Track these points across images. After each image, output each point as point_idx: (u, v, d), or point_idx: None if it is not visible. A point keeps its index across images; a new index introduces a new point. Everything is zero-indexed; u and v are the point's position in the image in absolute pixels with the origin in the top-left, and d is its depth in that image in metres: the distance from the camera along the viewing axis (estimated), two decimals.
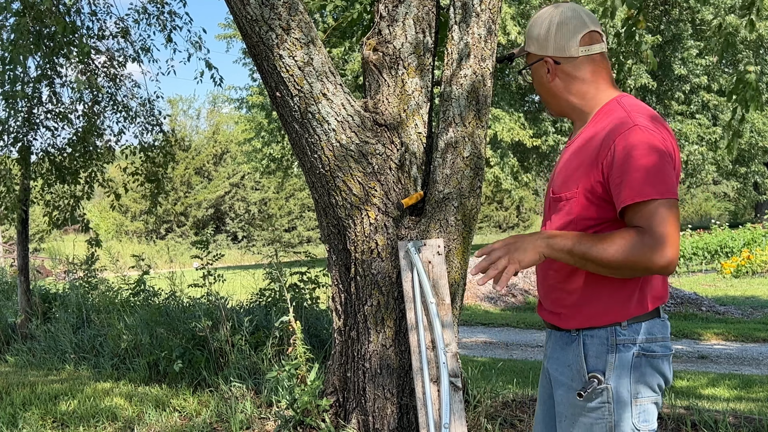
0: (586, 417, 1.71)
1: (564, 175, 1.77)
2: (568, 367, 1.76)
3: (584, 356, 1.71)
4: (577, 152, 1.75)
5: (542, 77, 1.83)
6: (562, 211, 1.73)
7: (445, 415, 2.85)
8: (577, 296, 1.73)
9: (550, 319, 1.82)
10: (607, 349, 1.69)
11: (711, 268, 15.67)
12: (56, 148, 7.72)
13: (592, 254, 1.58)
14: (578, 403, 1.71)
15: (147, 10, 7.82)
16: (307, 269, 5.93)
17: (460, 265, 3.31)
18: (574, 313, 1.74)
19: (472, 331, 9.11)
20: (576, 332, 1.74)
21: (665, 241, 1.52)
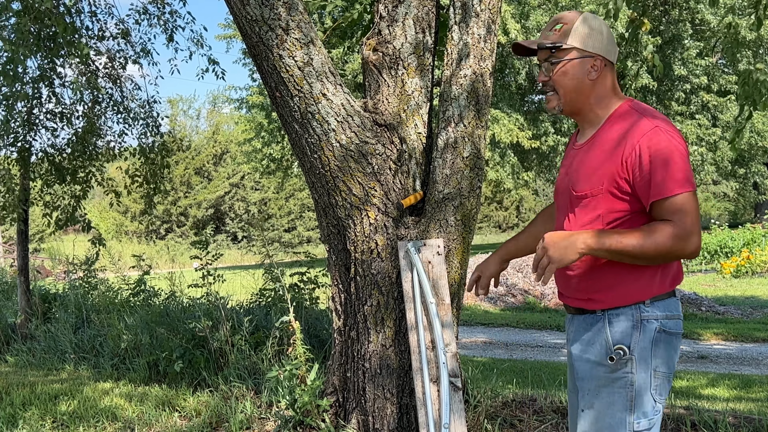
0: (609, 387, 1.87)
1: (586, 174, 1.90)
2: (592, 345, 1.92)
3: (609, 332, 1.88)
4: (598, 152, 1.89)
5: (583, 73, 1.91)
6: (588, 206, 1.88)
7: (445, 415, 2.85)
8: (606, 281, 1.89)
9: (577, 304, 1.97)
10: (633, 325, 1.86)
11: (711, 268, 15.67)
12: (56, 149, 7.72)
13: (629, 249, 1.76)
14: (602, 375, 1.88)
15: (148, 10, 7.83)
16: (307, 269, 5.93)
17: (460, 265, 3.31)
18: (603, 296, 1.90)
19: (472, 331, 9.11)
20: (601, 312, 1.91)
21: (693, 231, 1.75)
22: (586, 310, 1.95)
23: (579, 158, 1.96)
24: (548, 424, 3.57)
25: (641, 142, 1.78)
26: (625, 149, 1.81)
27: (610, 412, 1.87)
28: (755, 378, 5.91)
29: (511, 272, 12.25)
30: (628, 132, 1.83)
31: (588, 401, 1.91)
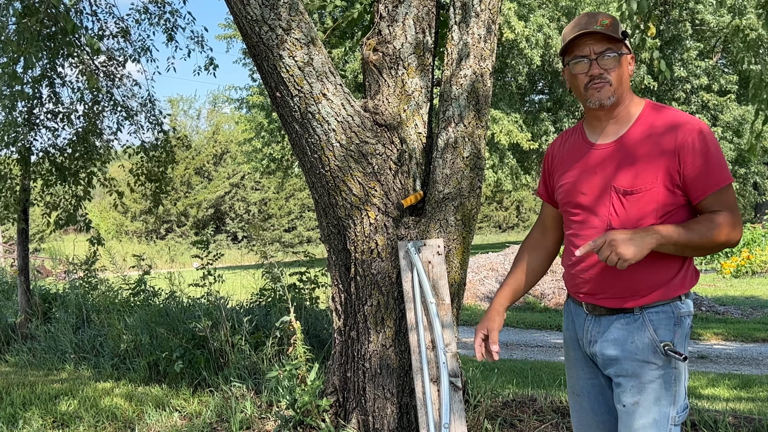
0: (656, 383, 1.92)
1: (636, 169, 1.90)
2: (632, 343, 1.93)
3: (653, 330, 1.91)
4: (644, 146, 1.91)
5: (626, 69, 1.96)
6: (641, 201, 1.89)
7: (445, 415, 2.85)
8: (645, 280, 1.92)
9: (614, 304, 1.97)
10: (674, 322, 1.92)
11: (711, 268, 15.67)
12: (56, 149, 7.72)
13: (693, 241, 1.83)
14: (649, 371, 1.91)
15: (148, 9, 7.83)
16: (306, 269, 5.93)
17: (460, 265, 3.31)
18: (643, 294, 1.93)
19: (472, 331, 9.10)
20: (639, 311, 1.93)
21: (740, 221, 1.86)
22: (620, 310, 1.96)
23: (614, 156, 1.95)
24: (548, 424, 3.57)
25: (692, 134, 1.85)
26: (677, 143, 1.85)
27: (656, 408, 1.91)
28: (755, 378, 5.91)
29: None
30: (675, 127, 1.87)
31: (633, 397, 1.93)
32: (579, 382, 2.13)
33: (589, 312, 2.04)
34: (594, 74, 1.92)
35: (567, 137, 2.14)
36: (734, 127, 19.60)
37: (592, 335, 2.02)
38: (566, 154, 2.10)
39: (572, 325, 2.11)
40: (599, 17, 1.94)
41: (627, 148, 1.93)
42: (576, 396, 2.16)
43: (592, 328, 2.03)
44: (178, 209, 34.78)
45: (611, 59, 1.92)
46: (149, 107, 8.23)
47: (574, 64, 1.95)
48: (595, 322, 2.02)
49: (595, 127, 2.02)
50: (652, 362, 1.91)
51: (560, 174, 2.10)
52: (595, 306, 2.02)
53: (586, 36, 1.92)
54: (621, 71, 1.93)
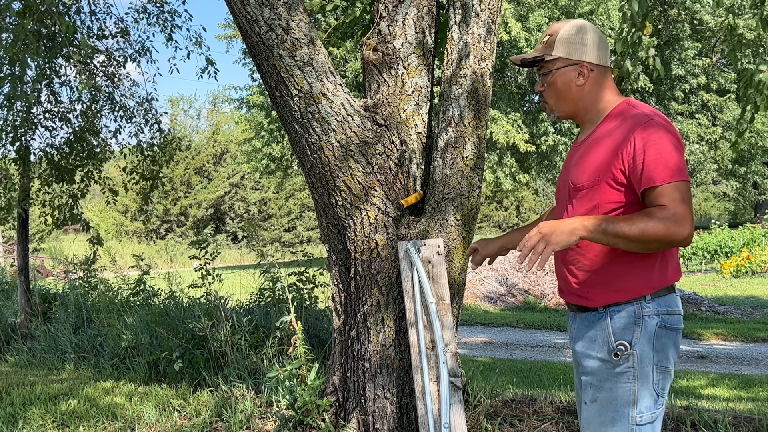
0: (611, 382, 1.92)
1: (583, 167, 1.96)
2: (595, 341, 1.96)
3: (611, 329, 1.92)
4: (595, 147, 1.96)
5: (570, 81, 2.02)
6: (585, 198, 1.94)
7: (444, 414, 2.85)
8: (603, 276, 1.93)
9: (577, 301, 2.01)
10: (634, 321, 1.90)
11: (711, 268, 15.67)
12: (54, 148, 7.72)
13: (623, 231, 1.78)
14: (605, 370, 1.92)
15: (147, 9, 7.83)
16: (305, 269, 5.93)
17: (460, 265, 3.31)
18: (601, 291, 1.94)
19: (472, 330, 9.11)
20: (603, 309, 1.95)
21: (684, 217, 1.77)
22: (587, 308, 1.99)
23: (579, 154, 2.03)
24: (548, 424, 3.57)
25: (636, 133, 1.85)
26: (620, 140, 1.87)
27: (612, 405, 1.91)
28: (755, 378, 5.91)
29: (511, 272, 12.25)
30: (623, 124, 1.90)
31: (591, 395, 1.96)
32: (577, 378, 2.15)
33: (569, 309, 2.11)
34: (537, 90, 2.08)
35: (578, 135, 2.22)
36: (734, 127, 19.57)
37: (572, 332, 2.09)
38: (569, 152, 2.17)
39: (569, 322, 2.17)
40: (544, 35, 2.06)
41: (587, 146, 2.00)
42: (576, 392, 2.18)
43: (572, 324, 2.09)
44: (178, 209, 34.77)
45: (543, 77, 2.04)
46: (147, 107, 8.23)
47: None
48: (573, 319, 2.08)
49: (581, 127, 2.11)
50: (608, 360, 1.92)
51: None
52: (569, 303, 2.08)
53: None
54: (555, 88, 2.02)
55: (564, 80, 2.01)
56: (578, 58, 1.99)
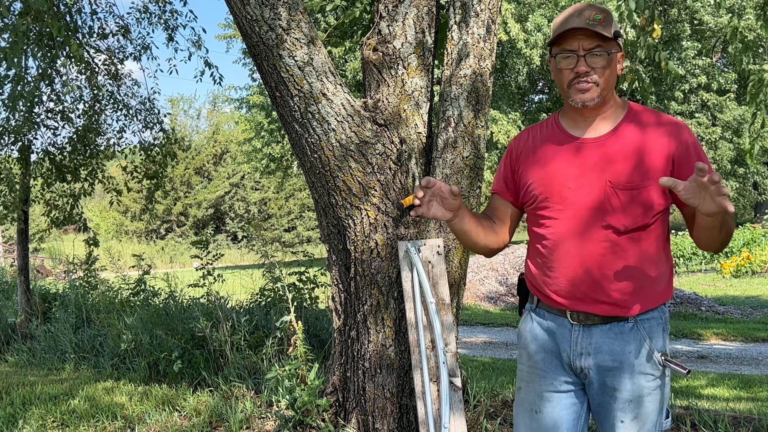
0: (652, 395, 1.85)
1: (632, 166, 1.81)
2: (630, 353, 1.84)
3: (648, 339, 1.84)
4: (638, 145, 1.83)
5: (616, 69, 1.86)
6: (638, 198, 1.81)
7: (444, 414, 2.85)
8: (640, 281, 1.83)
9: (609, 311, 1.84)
10: (663, 328, 1.87)
11: (711, 268, 15.67)
12: (57, 147, 7.73)
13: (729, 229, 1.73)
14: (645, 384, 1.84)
15: (148, 9, 7.83)
16: (305, 269, 5.93)
17: (460, 265, 3.31)
18: (638, 298, 1.83)
19: (472, 330, 9.11)
20: (632, 319, 1.85)
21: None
22: (613, 318, 1.84)
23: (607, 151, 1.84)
24: None
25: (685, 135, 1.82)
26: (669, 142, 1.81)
27: (650, 419, 1.85)
28: (755, 378, 5.90)
29: (511, 272, 12.25)
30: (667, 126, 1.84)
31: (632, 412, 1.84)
32: (544, 396, 1.94)
33: (575, 321, 1.88)
34: (580, 71, 1.80)
35: (536, 132, 2.00)
36: (734, 127, 19.61)
37: (582, 347, 1.87)
38: (540, 149, 1.95)
39: (549, 336, 1.93)
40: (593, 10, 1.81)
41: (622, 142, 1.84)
42: (535, 413, 1.96)
43: (582, 339, 1.87)
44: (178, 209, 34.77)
45: (600, 57, 1.80)
46: (148, 106, 8.23)
47: (562, 59, 1.83)
48: (585, 333, 1.87)
49: (578, 122, 1.90)
50: (649, 373, 1.84)
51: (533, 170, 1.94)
52: (587, 314, 1.86)
53: (576, 30, 1.80)
54: (610, 71, 1.82)
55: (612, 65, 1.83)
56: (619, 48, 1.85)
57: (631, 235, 1.82)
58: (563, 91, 1.88)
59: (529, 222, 1.99)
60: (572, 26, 1.80)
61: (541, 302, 1.96)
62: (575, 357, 1.89)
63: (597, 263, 1.83)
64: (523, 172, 1.97)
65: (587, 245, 1.83)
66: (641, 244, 1.82)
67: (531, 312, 2.00)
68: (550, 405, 1.94)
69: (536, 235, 1.95)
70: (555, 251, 1.88)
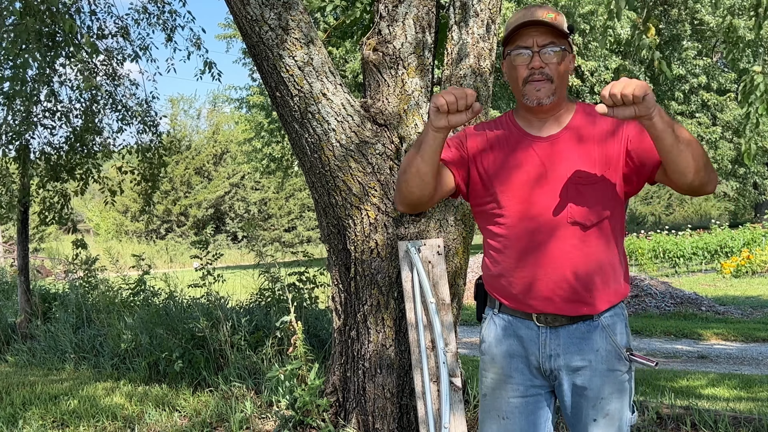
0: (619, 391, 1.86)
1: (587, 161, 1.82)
2: (597, 352, 1.84)
3: (613, 336, 1.85)
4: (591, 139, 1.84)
5: (568, 67, 1.86)
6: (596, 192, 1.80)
7: (444, 414, 2.85)
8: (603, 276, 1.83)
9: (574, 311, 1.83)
10: (624, 322, 1.88)
11: (711, 268, 15.68)
12: (53, 147, 7.72)
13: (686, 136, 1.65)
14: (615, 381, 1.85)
15: (147, 9, 7.83)
16: (305, 269, 5.93)
17: (460, 265, 3.31)
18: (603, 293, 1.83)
19: (472, 331, 9.10)
20: (597, 317, 1.85)
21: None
22: (579, 318, 1.84)
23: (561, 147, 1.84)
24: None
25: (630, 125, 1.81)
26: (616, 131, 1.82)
27: (619, 414, 1.86)
28: (756, 378, 5.90)
29: None
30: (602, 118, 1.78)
31: (604, 409, 1.85)
32: (511, 402, 1.92)
33: (542, 323, 1.85)
34: (535, 66, 1.79)
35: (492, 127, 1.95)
36: (734, 127, 19.60)
37: (551, 349, 1.85)
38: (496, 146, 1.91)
39: (515, 340, 1.90)
40: (546, 10, 1.82)
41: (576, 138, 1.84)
42: (502, 420, 1.93)
43: (550, 341, 1.85)
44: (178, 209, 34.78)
45: (555, 53, 1.80)
46: (145, 108, 8.23)
47: (516, 56, 1.82)
48: (553, 334, 1.85)
49: (533, 122, 1.88)
50: (618, 370, 1.85)
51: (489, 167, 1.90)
52: (554, 316, 1.84)
53: (530, 26, 1.79)
54: (563, 67, 1.83)
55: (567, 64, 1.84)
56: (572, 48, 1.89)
57: (595, 231, 1.81)
58: (517, 90, 1.86)
59: (484, 221, 1.95)
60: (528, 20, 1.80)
61: (503, 306, 1.92)
62: (544, 359, 1.87)
63: (564, 262, 1.80)
64: (478, 167, 1.92)
65: (554, 244, 1.81)
66: (605, 239, 1.83)
67: (493, 317, 1.96)
68: (518, 411, 1.92)
69: (495, 236, 1.91)
70: (517, 252, 1.84)
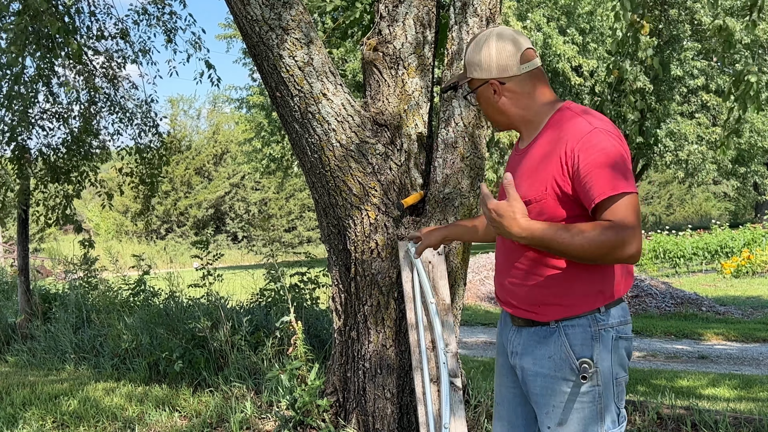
0: (577, 402, 1.82)
1: (529, 180, 1.85)
2: (550, 358, 1.84)
3: (569, 345, 1.81)
4: (539, 157, 1.84)
5: (489, 98, 1.94)
6: (533, 212, 1.79)
7: (445, 415, 2.84)
8: (553, 289, 1.83)
9: (524, 315, 1.90)
10: (591, 336, 1.81)
11: (711, 268, 15.67)
12: (51, 148, 7.71)
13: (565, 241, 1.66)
14: (568, 390, 1.82)
15: (147, 11, 7.82)
16: (307, 269, 5.93)
17: (461, 265, 3.31)
18: (552, 306, 1.84)
19: (473, 331, 9.11)
20: (555, 324, 1.84)
21: (632, 233, 1.65)
22: (536, 322, 1.87)
23: (522, 163, 1.91)
24: None
25: (579, 146, 1.72)
26: (563, 152, 1.75)
27: (581, 427, 1.82)
28: (756, 378, 5.90)
29: None
30: (566, 135, 1.77)
31: (556, 418, 1.84)
32: (501, 390, 2.06)
33: (512, 322, 1.97)
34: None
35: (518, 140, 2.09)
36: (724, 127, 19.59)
37: (514, 346, 1.96)
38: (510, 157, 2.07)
39: (502, 332, 2.05)
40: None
41: (530, 156, 1.88)
42: (497, 405, 2.08)
43: (514, 339, 1.96)
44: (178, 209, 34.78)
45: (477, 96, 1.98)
46: (145, 109, 8.22)
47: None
48: (517, 333, 1.95)
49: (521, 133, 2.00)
50: (569, 379, 1.81)
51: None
52: (513, 316, 1.95)
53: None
54: (481, 105, 1.98)
55: (484, 98, 1.95)
56: (486, 76, 1.90)
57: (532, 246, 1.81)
58: None
59: None
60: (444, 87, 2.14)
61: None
62: (511, 356, 1.98)
63: (511, 270, 1.92)
64: None
65: (506, 253, 1.95)
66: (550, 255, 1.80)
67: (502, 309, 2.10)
68: (506, 400, 2.05)
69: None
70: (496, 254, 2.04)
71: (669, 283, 11.72)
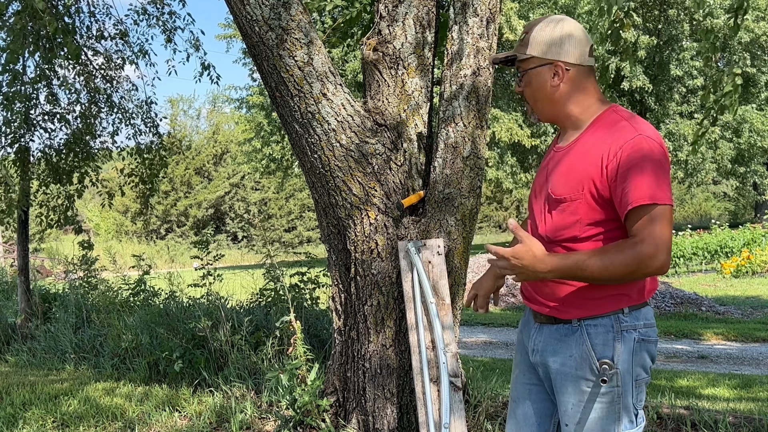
0: (597, 402, 1.81)
1: (566, 178, 1.84)
2: (571, 357, 1.84)
3: (591, 345, 1.81)
4: (578, 156, 1.83)
5: (545, 82, 1.88)
6: (566, 211, 1.81)
7: (445, 415, 2.85)
8: (578, 288, 1.82)
9: (550, 312, 1.89)
10: (614, 337, 1.80)
11: (711, 268, 15.68)
12: (53, 149, 7.72)
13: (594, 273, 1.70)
14: (588, 390, 1.82)
15: (147, 11, 7.83)
16: (307, 269, 5.94)
17: (461, 265, 3.31)
18: (576, 303, 1.83)
19: (473, 331, 9.11)
20: (577, 322, 1.83)
21: (661, 247, 1.66)
22: (558, 320, 1.88)
23: (559, 162, 1.90)
24: None
25: (622, 150, 1.71)
26: (605, 155, 1.74)
27: (598, 426, 1.83)
28: (756, 378, 5.90)
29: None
30: (610, 138, 1.76)
31: (575, 417, 1.85)
32: (517, 386, 2.06)
33: (535, 319, 1.97)
34: (516, 91, 1.98)
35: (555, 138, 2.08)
36: (733, 127, 19.60)
37: (535, 344, 1.95)
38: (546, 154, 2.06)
39: (524, 329, 2.05)
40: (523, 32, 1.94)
41: (570, 154, 1.86)
42: (513, 401, 2.08)
43: (536, 336, 1.95)
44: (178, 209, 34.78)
45: (520, 78, 1.93)
46: (145, 110, 8.23)
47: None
48: (538, 331, 1.95)
49: (561, 131, 1.97)
50: (589, 379, 1.81)
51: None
52: (536, 313, 1.95)
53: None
54: (531, 88, 1.90)
55: (539, 81, 1.88)
56: (553, 57, 1.85)
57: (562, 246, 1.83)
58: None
59: None
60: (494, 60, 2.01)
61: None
62: (532, 353, 1.97)
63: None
64: None
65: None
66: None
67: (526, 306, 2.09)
68: (521, 397, 2.05)
69: None
70: None
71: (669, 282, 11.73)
